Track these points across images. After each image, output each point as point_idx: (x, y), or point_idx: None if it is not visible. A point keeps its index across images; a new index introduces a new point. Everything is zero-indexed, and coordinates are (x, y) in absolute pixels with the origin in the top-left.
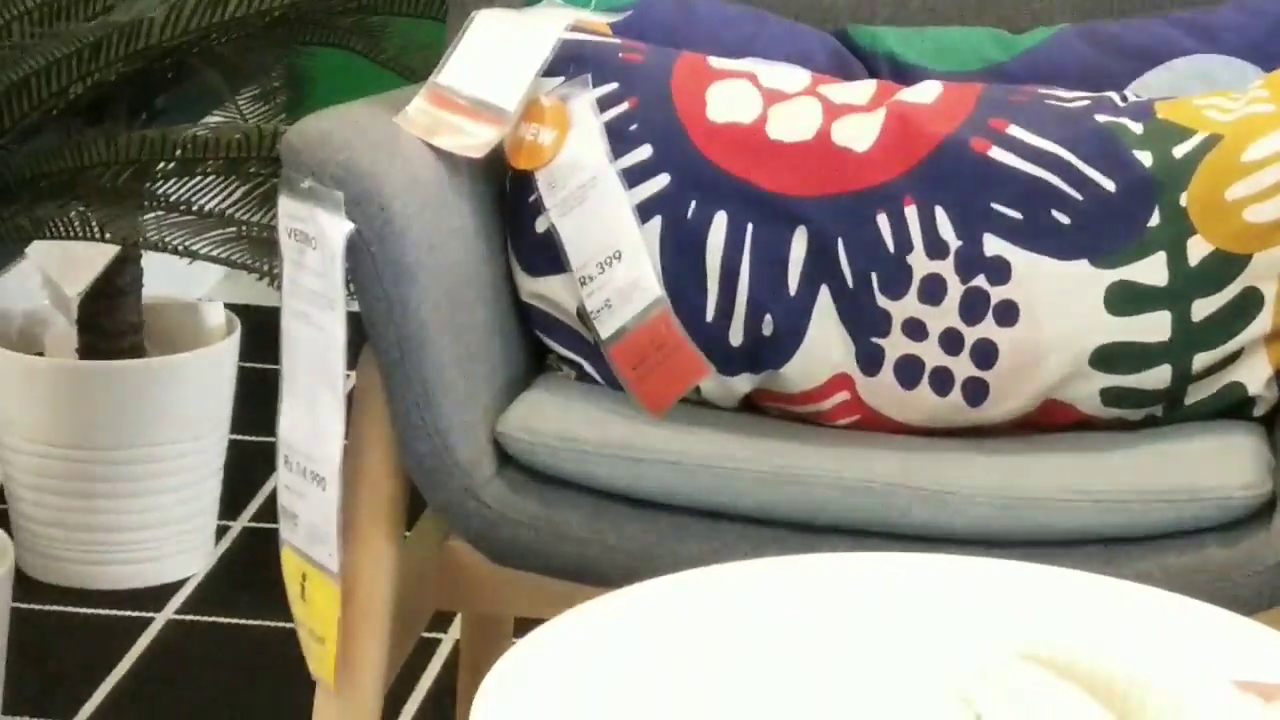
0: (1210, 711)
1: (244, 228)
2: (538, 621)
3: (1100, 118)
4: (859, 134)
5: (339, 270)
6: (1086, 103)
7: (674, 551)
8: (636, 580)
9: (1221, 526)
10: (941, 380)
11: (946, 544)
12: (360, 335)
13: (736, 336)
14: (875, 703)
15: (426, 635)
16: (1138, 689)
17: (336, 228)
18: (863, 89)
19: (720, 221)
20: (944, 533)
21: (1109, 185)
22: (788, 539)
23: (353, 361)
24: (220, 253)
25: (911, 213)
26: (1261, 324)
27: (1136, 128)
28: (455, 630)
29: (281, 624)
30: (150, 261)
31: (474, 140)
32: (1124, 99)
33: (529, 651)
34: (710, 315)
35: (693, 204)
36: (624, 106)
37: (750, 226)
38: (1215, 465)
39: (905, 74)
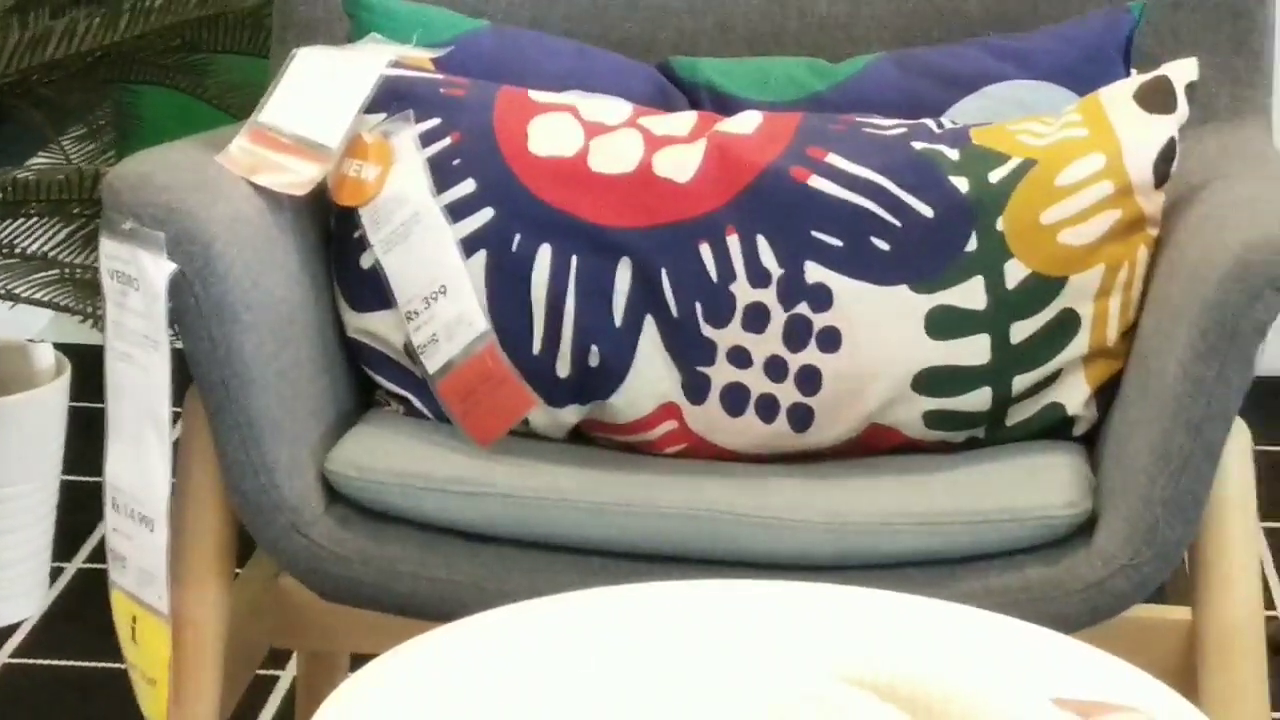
0: None
1: (68, 269)
2: (374, 656)
3: (917, 145)
4: (680, 165)
5: (162, 311)
6: (904, 130)
7: (504, 584)
8: (467, 613)
9: (1044, 546)
10: (767, 407)
11: (775, 570)
12: (186, 375)
13: (563, 368)
14: None
15: (264, 673)
16: (958, 709)
17: (158, 268)
18: (683, 120)
19: (545, 254)
20: (771, 559)
21: (927, 211)
22: (618, 569)
23: (180, 400)
24: (44, 295)
25: (734, 242)
26: (1079, 345)
27: (953, 154)
28: (294, 667)
29: (118, 665)
30: None
31: (297, 178)
32: (940, 126)
33: (357, 687)
34: (537, 348)
35: (517, 237)
36: (447, 141)
37: (575, 259)
38: (1036, 485)
39: (726, 104)
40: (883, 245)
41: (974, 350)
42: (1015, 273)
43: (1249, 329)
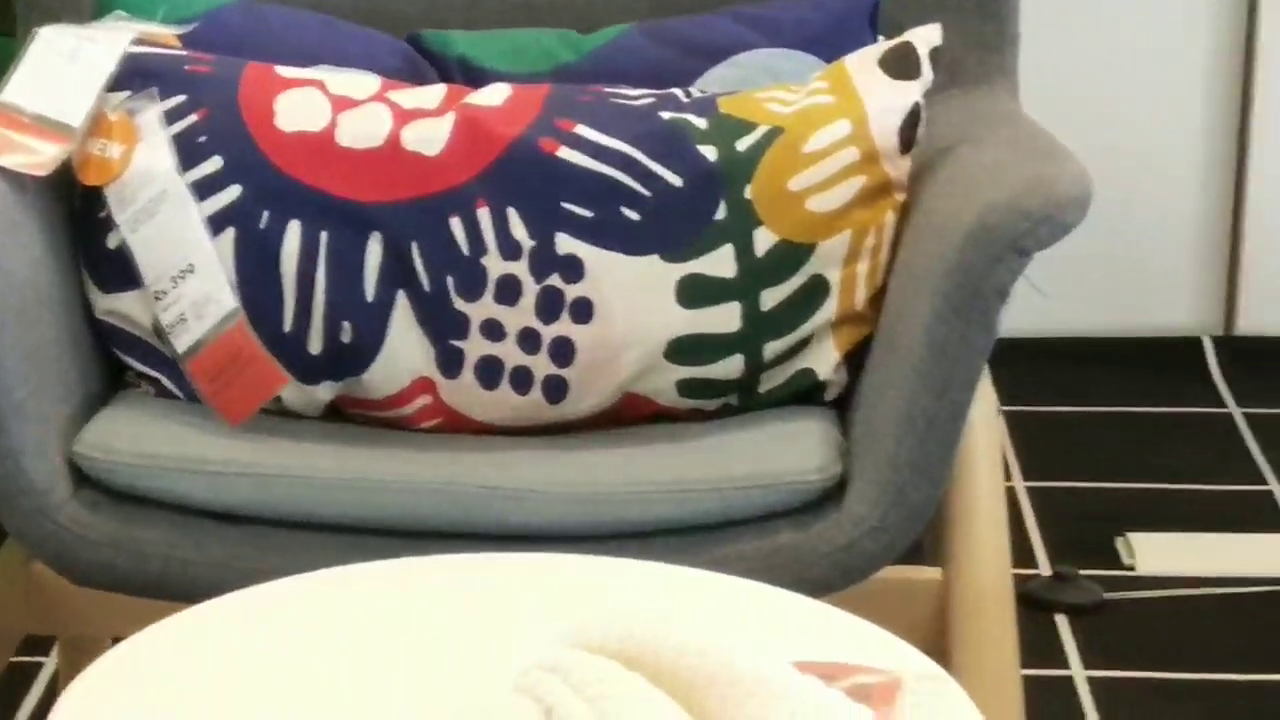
0: (769, 694)
1: None
2: None
3: (665, 114)
4: (429, 138)
5: None
6: (652, 100)
7: (257, 564)
8: (220, 595)
9: (795, 510)
10: (521, 379)
11: (531, 542)
12: None
13: (315, 345)
14: (445, 702)
15: (25, 660)
16: (701, 676)
17: None
18: (432, 93)
19: (294, 231)
20: (526, 530)
21: (676, 181)
22: (373, 546)
23: None
24: None
25: (484, 215)
26: (828, 311)
27: (701, 123)
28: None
29: None
30: None
31: (39, 158)
32: (688, 95)
33: (101, 672)
34: (288, 325)
35: (265, 214)
36: (193, 118)
37: (324, 234)
38: (787, 450)
39: (476, 77)
40: (633, 215)
41: (725, 318)
42: (764, 240)
43: (991, 291)
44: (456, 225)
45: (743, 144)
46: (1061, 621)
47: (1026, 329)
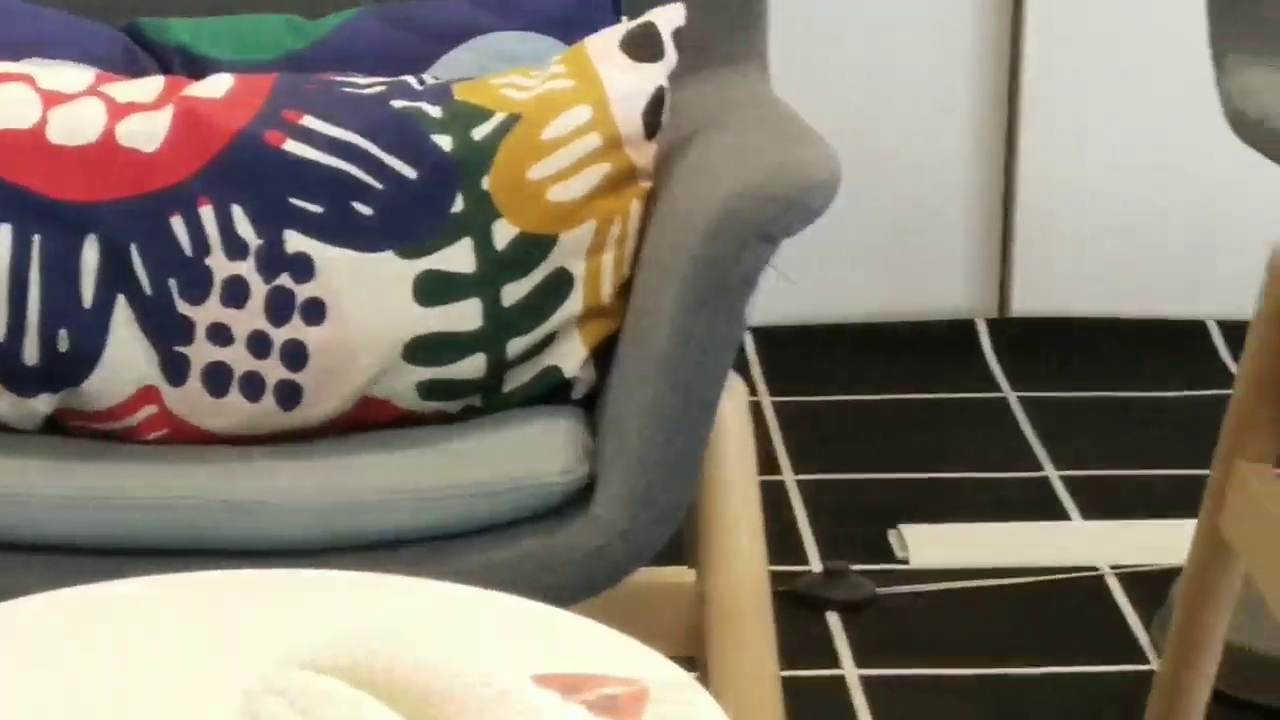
0: (504, 709)
1: None
2: None
3: (397, 103)
4: (146, 133)
5: None
6: (383, 88)
7: None
8: None
9: (541, 515)
10: (252, 385)
11: (266, 557)
12: None
13: (31, 355)
14: None
15: None
16: (435, 694)
17: None
18: (150, 86)
19: (4, 235)
20: (261, 545)
21: (410, 173)
22: (94, 566)
23: None
24: None
25: (207, 213)
26: (573, 305)
27: (435, 111)
28: None
29: None
30: None
31: None
32: (422, 82)
33: None
34: (1, 334)
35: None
36: None
37: (37, 237)
38: (532, 452)
39: (198, 67)
40: (365, 210)
41: (465, 315)
42: (504, 233)
43: (737, 281)
44: (178, 224)
45: (479, 132)
46: (833, 619)
47: (799, 317)
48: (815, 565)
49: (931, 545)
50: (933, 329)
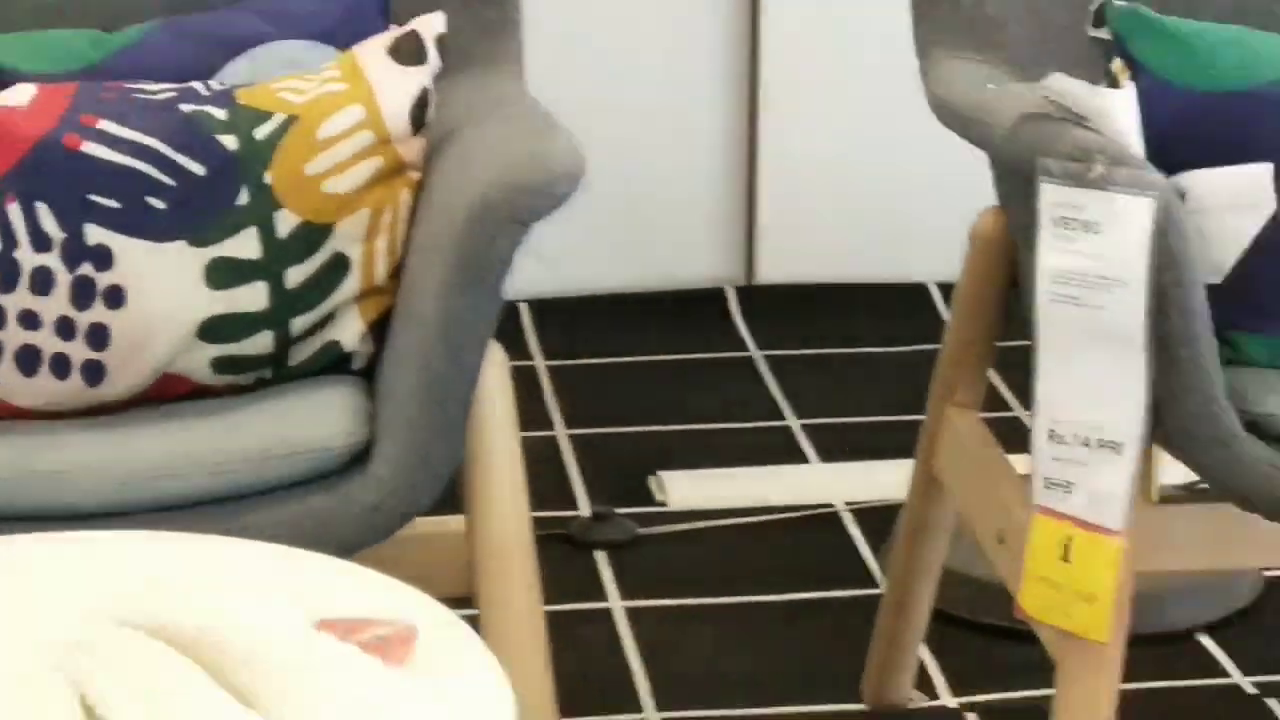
0: (287, 651)
1: None
2: None
3: (185, 107)
4: None
5: None
6: (173, 94)
7: None
8: None
9: (325, 475)
10: (60, 365)
11: (72, 521)
12: None
13: None
14: None
15: None
16: (225, 640)
17: None
18: None
19: None
20: (67, 512)
21: (198, 169)
22: None
23: None
24: None
25: (15, 210)
26: (350, 286)
27: (220, 114)
28: None
29: None
30: None
31: None
32: (208, 88)
33: None
34: None
35: None
36: None
37: None
38: (316, 419)
39: (4, 79)
40: (159, 204)
41: (253, 297)
42: (286, 222)
43: (495, 261)
44: None
45: (260, 132)
46: (601, 558)
47: (570, 289)
48: (585, 510)
49: (687, 489)
50: (688, 296)
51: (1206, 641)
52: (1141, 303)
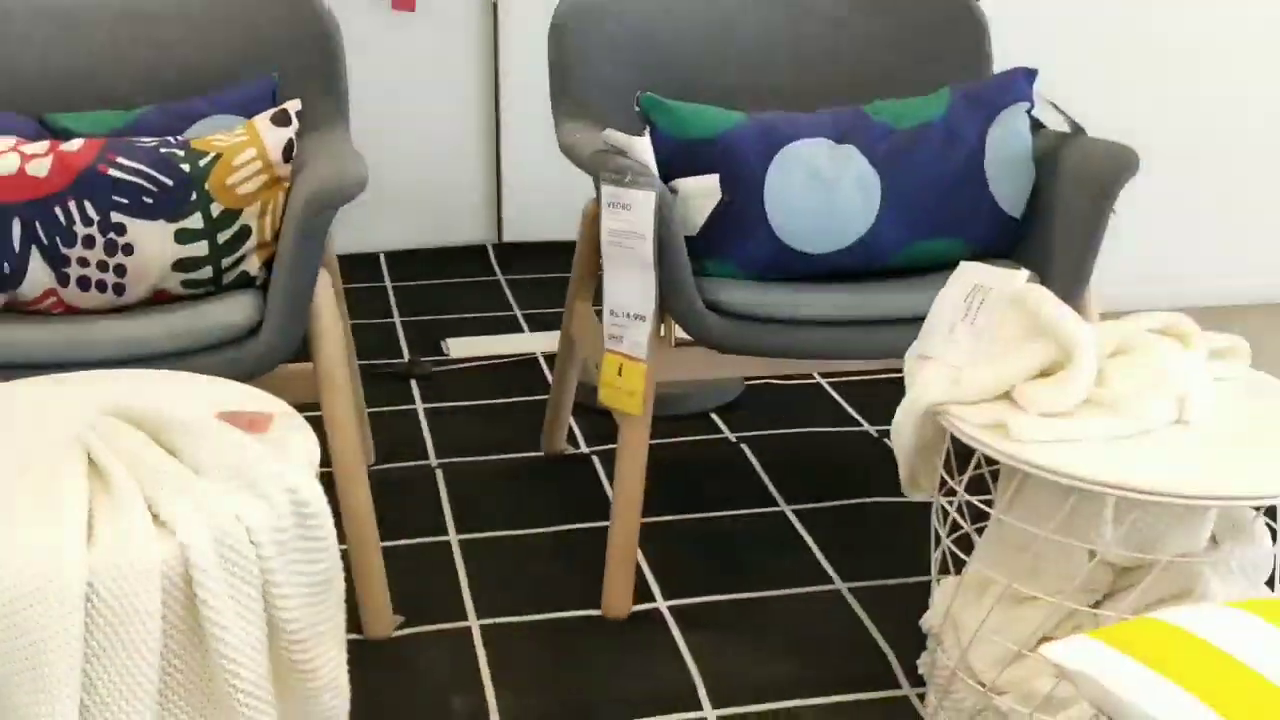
0: (196, 425)
1: None
2: None
3: (163, 150)
4: (40, 168)
5: None
6: (156, 143)
7: None
8: None
9: (237, 339)
10: (100, 286)
11: (97, 366)
12: None
13: None
14: (19, 452)
15: None
16: (163, 420)
17: None
18: (42, 145)
19: None
20: (96, 361)
21: (169, 181)
22: (21, 374)
23: None
24: None
25: (72, 205)
26: (252, 241)
27: (181, 153)
28: None
29: None
30: None
31: None
32: (176, 140)
33: None
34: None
35: None
36: None
37: (12, 222)
38: (233, 310)
39: (67, 135)
40: (149, 200)
41: (199, 249)
42: (216, 209)
43: (318, 227)
44: (59, 211)
45: (202, 162)
46: (413, 385)
47: (376, 246)
48: (406, 357)
49: (460, 348)
50: (461, 250)
51: (715, 417)
52: (650, 247)
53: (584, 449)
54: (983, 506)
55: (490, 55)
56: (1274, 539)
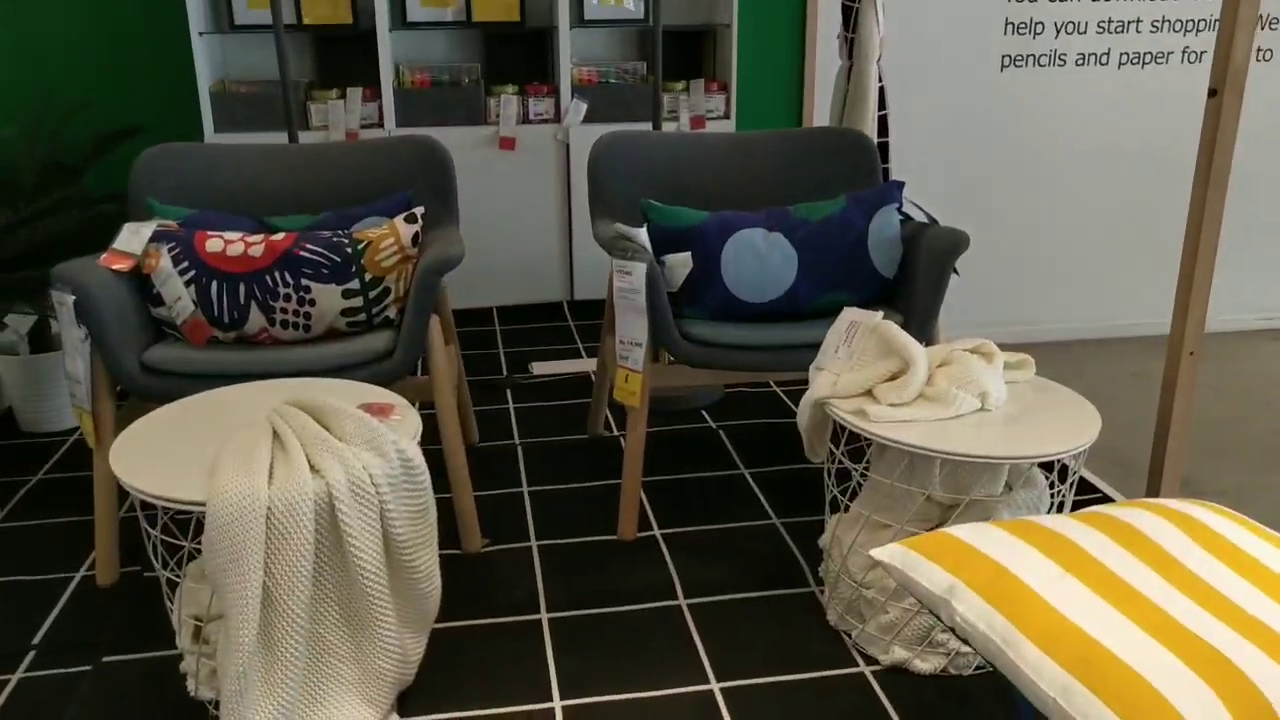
0: (346, 412)
1: None
2: None
3: (335, 239)
4: (256, 252)
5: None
6: (330, 233)
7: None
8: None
9: (378, 359)
10: (295, 326)
11: (286, 377)
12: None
13: (223, 321)
14: (231, 428)
15: None
16: (324, 408)
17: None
18: (259, 236)
19: (217, 283)
20: (288, 372)
21: (338, 259)
22: (229, 381)
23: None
24: None
25: (276, 274)
26: (392, 296)
27: (346, 241)
28: None
29: None
30: None
31: (126, 265)
32: (345, 233)
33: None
34: (220, 316)
35: (201, 278)
36: (175, 248)
37: (222, 284)
38: (378, 341)
39: (275, 230)
40: (325, 271)
41: (358, 301)
42: (368, 276)
43: (430, 287)
44: (269, 278)
45: (360, 246)
46: (508, 392)
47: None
48: (504, 373)
49: (542, 369)
50: (546, 305)
51: (704, 413)
52: (644, 298)
53: (615, 432)
54: (852, 467)
55: (564, 174)
56: (1052, 487)
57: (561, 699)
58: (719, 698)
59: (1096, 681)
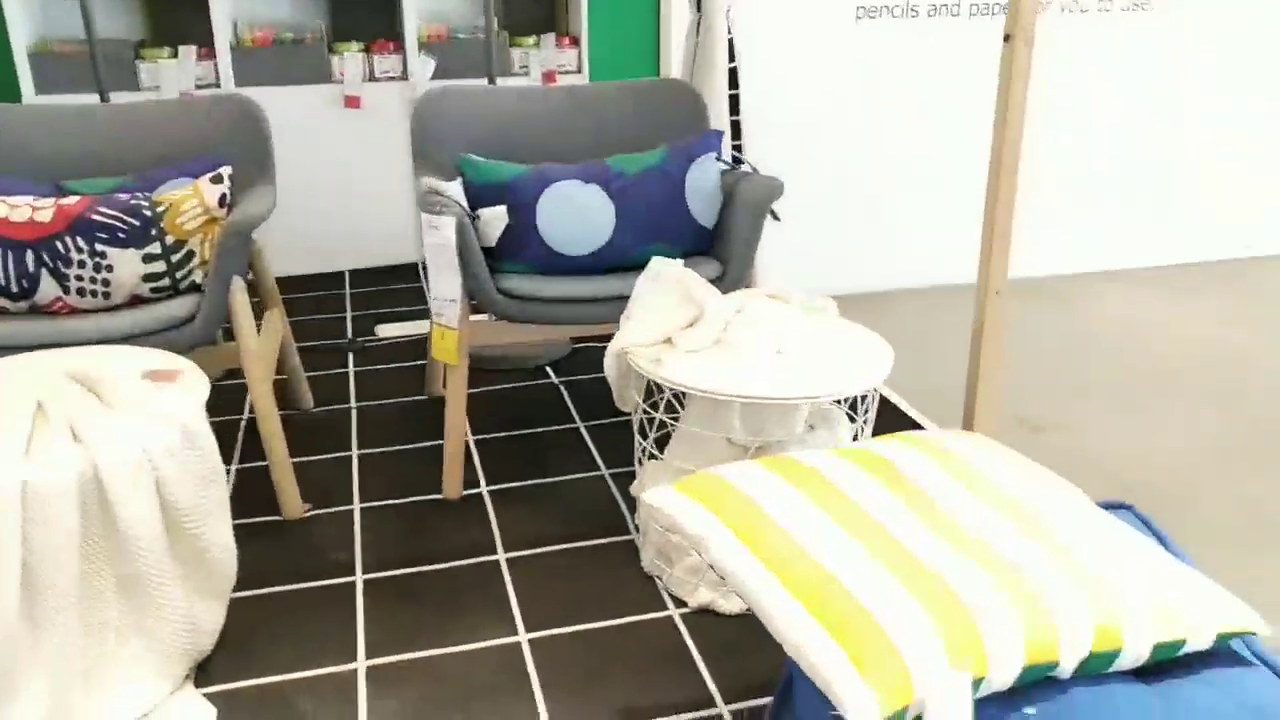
0: (126, 380)
1: None
2: None
3: (134, 201)
4: (45, 217)
5: None
6: (129, 195)
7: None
8: None
9: (179, 325)
10: (92, 294)
11: (80, 345)
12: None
13: (13, 288)
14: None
15: None
16: (100, 377)
17: None
18: (49, 201)
19: (2, 254)
20: (83, 342)
21: (137, 223)
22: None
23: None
24: None
25: (68, 239)
26: (196, 260)
27: (145, 204)
28: None
29: None
30: None
31: None
32: (145, 195)
33: None
34: (4, 283)
35: None
36: None
37: (11, 253)
38: (180, 306)
39: (70, 194)
40: (123, 235)
41: (159, 266)
42: (169, 240)
43: (236, 248)
44: (60, 244)
45: (159, 209)
46: (350, 355)
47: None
48: (349, 337)
49: (388, 330)
50: (397, 268)
51: (548, 369)
52: (454, 253)
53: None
54: (652, 415)
55: (408, 136)
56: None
57: (367, 659)
58: (525, 648)
59: (822, 611)
